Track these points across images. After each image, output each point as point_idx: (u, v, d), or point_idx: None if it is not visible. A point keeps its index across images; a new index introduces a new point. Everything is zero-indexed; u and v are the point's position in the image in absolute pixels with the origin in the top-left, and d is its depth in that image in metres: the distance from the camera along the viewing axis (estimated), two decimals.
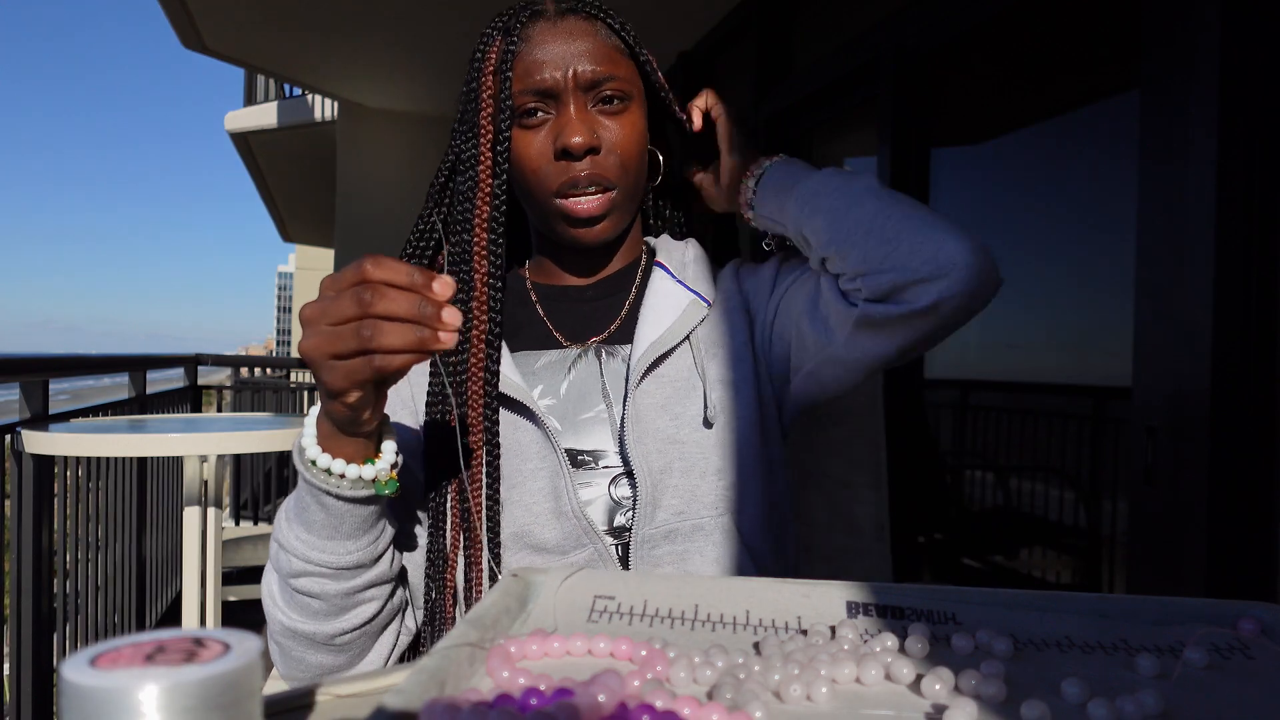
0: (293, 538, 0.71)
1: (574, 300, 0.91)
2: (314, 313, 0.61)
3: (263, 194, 9.65)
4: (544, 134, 0.82)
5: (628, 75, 0.84)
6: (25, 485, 2.23)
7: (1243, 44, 1.39)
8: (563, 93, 0.81)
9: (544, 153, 0.82)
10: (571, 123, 0.81)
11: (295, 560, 0.71)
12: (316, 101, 6.80)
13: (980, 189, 2.45)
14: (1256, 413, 1.39)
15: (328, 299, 0.61)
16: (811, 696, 0.39)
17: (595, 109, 0.83)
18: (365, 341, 0.59)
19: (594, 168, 0.82)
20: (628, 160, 0.84)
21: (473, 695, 0.35)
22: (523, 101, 0.81)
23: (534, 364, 0.88)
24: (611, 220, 0.85)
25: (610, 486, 0.82)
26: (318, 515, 0.69)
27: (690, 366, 0.85)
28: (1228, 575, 1.39)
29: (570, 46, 0.81)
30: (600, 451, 0.83)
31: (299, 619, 0.73)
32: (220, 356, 5.27)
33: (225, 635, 0.28)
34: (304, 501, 0.70)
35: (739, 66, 3.60)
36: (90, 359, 3.22)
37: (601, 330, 0.89)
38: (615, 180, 0.83)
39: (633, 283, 0.92)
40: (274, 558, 0.74)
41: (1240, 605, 0.49)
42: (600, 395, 0.85)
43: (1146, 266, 1.53)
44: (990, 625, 0.48)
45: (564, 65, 0.81)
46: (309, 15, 4.14)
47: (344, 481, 0.68)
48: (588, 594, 0.52)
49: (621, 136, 0.83)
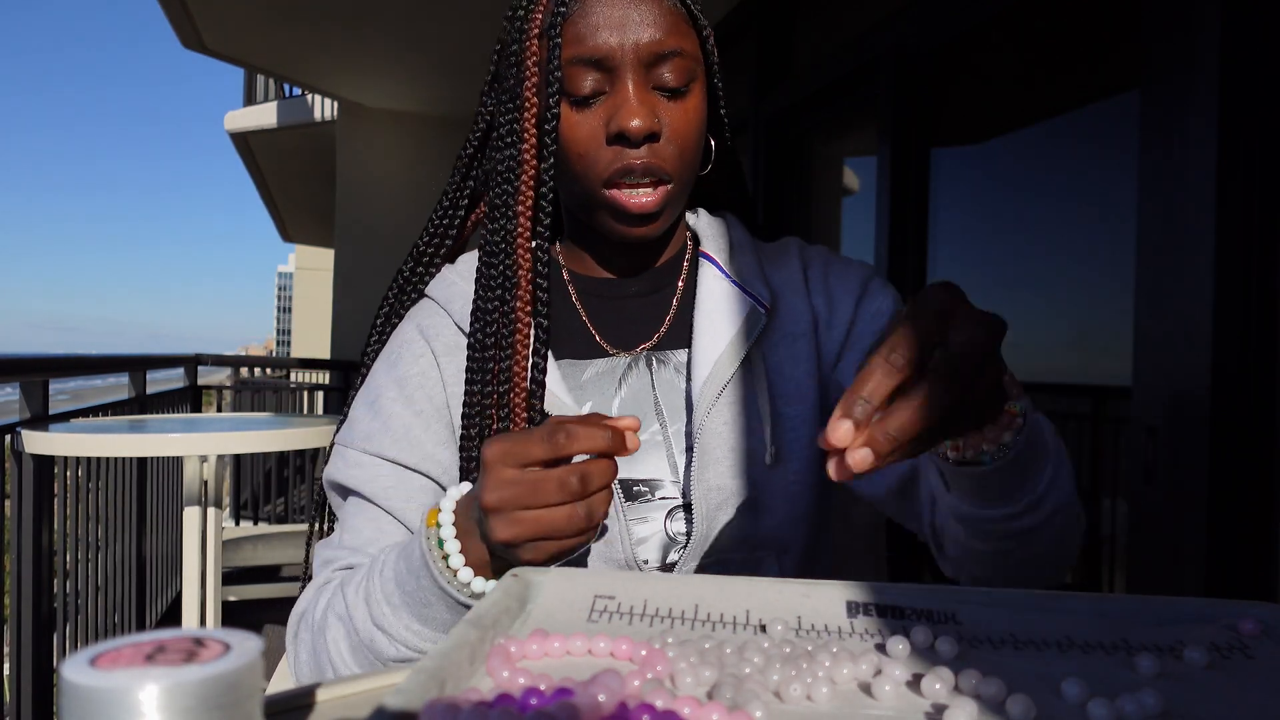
0: (401, 628, 0.66)
1: (617, 298, 0.82)
2: (505, 500, 0.57)
3: (263, 194, 9.66)
4: (596, 112, 0.72)
5: (691, 50, 0.73)
6: (25, 485, 2.23)
7: (1243, 43, 1.39)
8: (620, 66, 0.71)
9: (595, 134, 0.72)
10: (629, 103, 0.70)
11: (404, 649, 0.66)
12: (316, 101, 6.80)
13: (980, 189, 2.45)
14: (1256, 413, 1.39)
15: (513, 480, 0.56)
16: (811, 696, 0.39)
17: (655, 89, 0.72)
18: (585, 524, 0.56)
19: (651, 156, 0.71)
20: (687, 150, 0.74)
21: (473, 695, 0.35)
22: (573, 73, 0.71)
23: (580, 376, 0.79)
24: (665, 217, 0.75)
25: (666, 521, 0.75)
26: (442, 614, 0.64)
27: (751, 390, 0.77)
28: (1228, 575, 1.39)
29: (632, 11, 0.70)
30: (656, 481, 0.75)
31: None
32: (220, 356, 5.28)
33: (225, 635, 0.28)
34: (425, 599, 0.64)
35: (739, 66, 3.60)
36: (90, 359, 3.22)
37: (649, 334, 0.81)
38: (672, 172, 0.73)
39: (679, 276, 0.83)
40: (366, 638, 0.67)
41: (1240, 605, 0.49)
42: (654, 414, 0.77)
43: (1146, 266, 1.53)
44: (990, 625, 0.48)
45: (623, 33, 0.70)
46: (308, 15, 4.14)
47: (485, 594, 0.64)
48: (588, 594, 0.52)
49: (684, 123, 0.73)
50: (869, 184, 2.76)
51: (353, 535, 0.76)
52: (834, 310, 0.82)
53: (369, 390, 0.80)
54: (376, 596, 0.67)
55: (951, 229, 2.48)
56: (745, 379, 0.77)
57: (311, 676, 0.73)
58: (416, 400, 0.78)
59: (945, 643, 0.45)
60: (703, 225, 0.85)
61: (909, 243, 2.52)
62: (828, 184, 3.43)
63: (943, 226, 2.49)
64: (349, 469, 0.77)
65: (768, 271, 0.83)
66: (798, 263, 0.85)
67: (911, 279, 2.53)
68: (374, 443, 0.76)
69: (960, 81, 2.51)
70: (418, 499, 0.77)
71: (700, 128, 0.75)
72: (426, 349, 0.79)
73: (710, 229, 0.85)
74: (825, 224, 3.41)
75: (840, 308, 0.82)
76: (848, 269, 0.85)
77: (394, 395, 0.78)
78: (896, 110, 2.51)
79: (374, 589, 0.67)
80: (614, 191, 0.72)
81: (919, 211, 2.51)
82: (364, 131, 5.88)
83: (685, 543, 0.74)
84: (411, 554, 0.65)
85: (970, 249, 2.46)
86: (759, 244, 0.87)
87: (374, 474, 0.76)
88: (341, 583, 0.72)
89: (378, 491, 0.76)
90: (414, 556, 0.64)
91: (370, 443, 0.77)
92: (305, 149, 7.38)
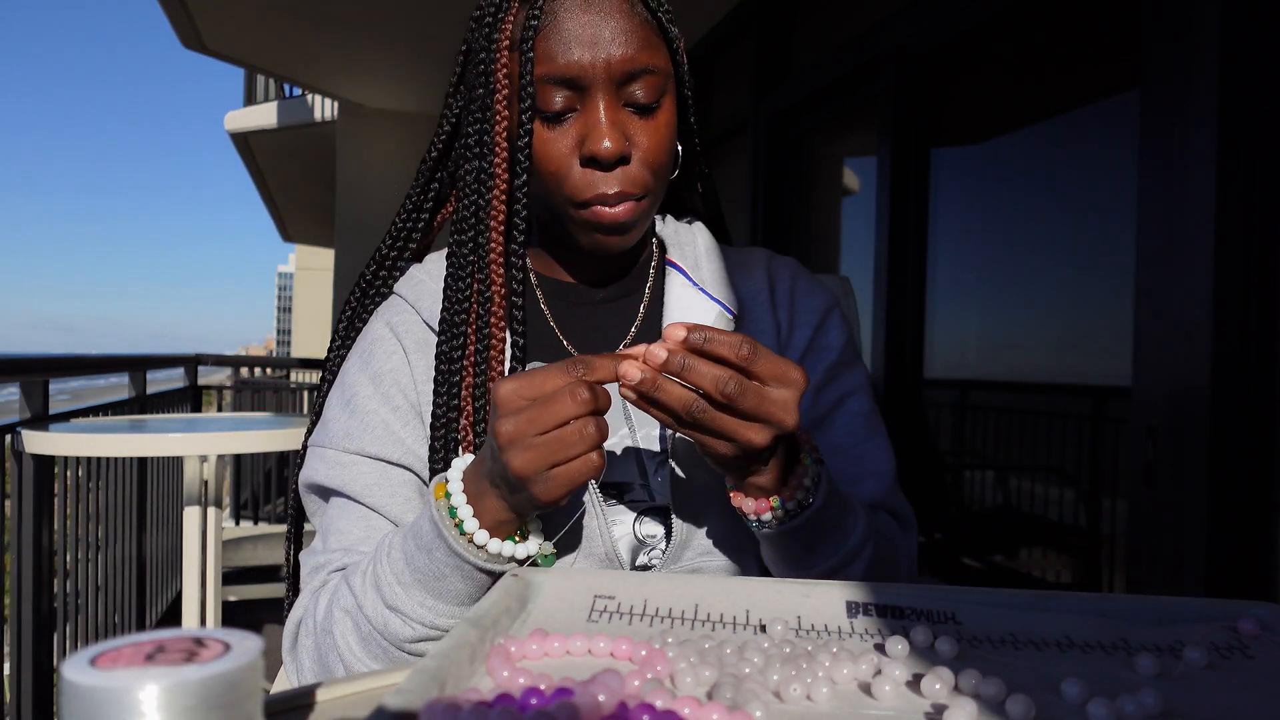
0: (415, 605, 0.66)
1: (584, 304, 0.83)
2: (519, 429, 0.58)
3: (263, 194, 9.66)
4: (567, 131, 0.72)
5: (662, 65, 0.73)
6: (25, 485, 2.23)
7: (1243, 44, 1.39)
8: (591, 85, 0.70)
9: (566, 153, 0.72)
10: (600, 126, 0.70)
11: (419, 627, 0.66)
12: (316, 101, 6.80)
13: (980, 189, 2.45)
14: (1256, 413, 1.39)
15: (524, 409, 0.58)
16: (811, 696, 0.39)
17: (626, 105, 0.72)
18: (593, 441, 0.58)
19: (624, 181, 0.72)
20: (659, 167, 0.74)
21: (473, 695, 0.35)
22: (545, 90, 0.71)
23: None
24: (638, 228, 0.76)
25: (635, 524, 0.75)
26: (457, 585, 0.65)
27: None
28: (1228, 575, 1.39)
29: (603, 27, 0.70)
30: (625, 485, 0.76)
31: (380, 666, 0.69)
32: (220, 356, 5.28)
33: (225, 635, 0.28)
34: (438, 571, 0.65)
35: (739, 66, 3.60)
36: (90, 359, 3.21)
37: (616, 340, 0.81)
38: (644, 189, 0.73)
39: (645, 283, 0.84)
40: (379, 624, 0.67)
41: (1240, 605, 0.49)
42: (622, 419, 0.78)
43: (1146, 266, 1.53)
44: (990, 625, 0.48)
45: (595, 50, 0.70)
46: (309, 15, 4.14)
47: (501, 558, 0.65)
48: (588, 594, 0.52)
49: (655, 142, 0.73)
50: (869, 184, 2.76)
51: (340, 537, 0.75)
52: (794, 331, 0.84)
53: (343, 389, 0.79)
54: (387, 579, 0.66)
55: (951, 229, 2.48)
56: None
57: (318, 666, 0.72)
58: (392, 397, 0.77)
59: (945, 643, 0.45)
60: (669, 233, 0.86)
61: (909, 243, 2.52)
62: (828, 184, 3.43)
63: (943, 226, 2.49)
64: (329, 469, 0.76)
65: (735, 281, 0.84)
66: (764, 275, 0.85)
67: (912, 279, 2.53)
68: (354, 440, 0.76)
69: (960, 81, 2.51)
70: (402, 493, 0.76)
71: (671, 143, 0.76)
72: (398, 346, 0.79)
73: (677, 237, 0.85)
74: (825, 224, 3.41)
75: (799, 332, 0.84)
76: (813, 292, 0.86)
77: (369, 392, 0.77)
78: (896, 110, 2.51)
79: (383, 572, 0.67)
80: (586, 211, 0.73)
81: (919, 211, 2.52)
82: (364, 131, 5.89)
83: (656, 545, 0.75)
84: (421, 530, 0.65)
85: (970, 249, 2.46)
86: (725, 251, 0.88)
87: (356, 472, 0.76)
88: (344, 577, 0.71)
89: (362, 489, 0.75)
90: (424, 532, 0.65)
91: (350, 441, 0.76)
92: (305, 149, 7.39)
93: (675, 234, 0.86)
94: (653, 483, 0.76)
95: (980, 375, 2.45)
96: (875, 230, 2.62)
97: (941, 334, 2.52)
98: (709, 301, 0.80)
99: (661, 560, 0.74)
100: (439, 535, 0.63)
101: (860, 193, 3.14)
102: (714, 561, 0.75)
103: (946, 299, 2.49)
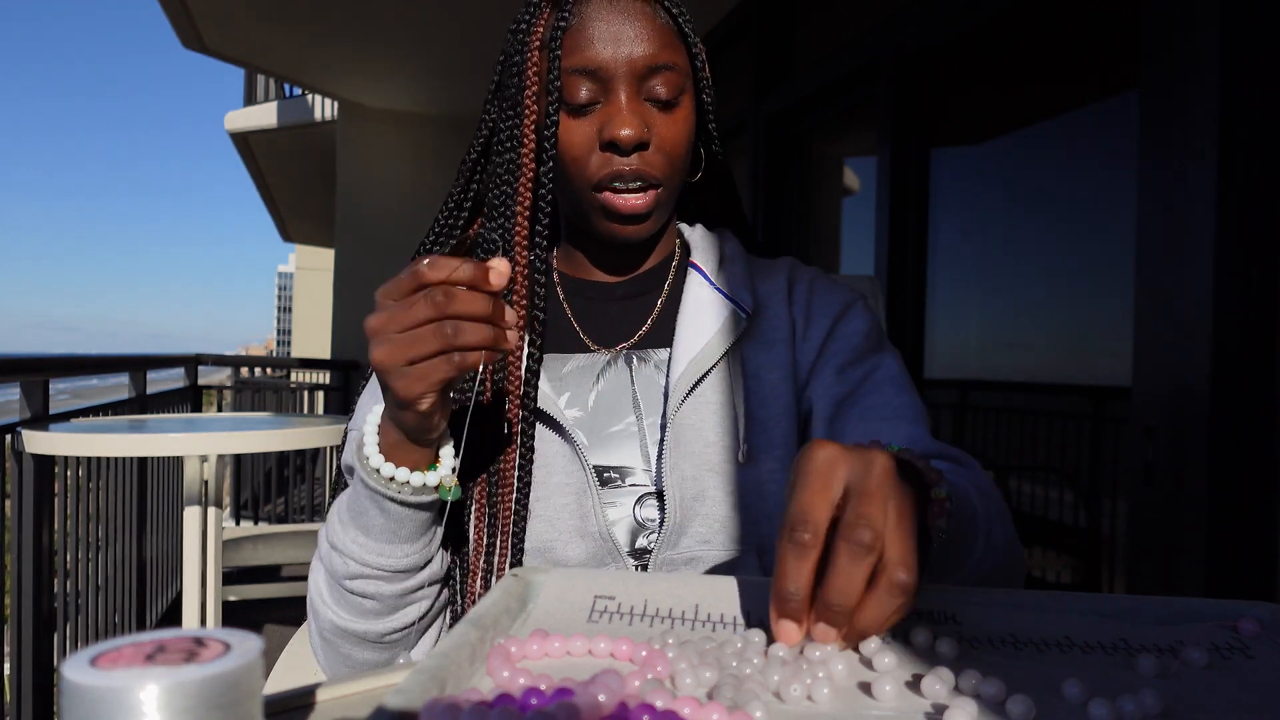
0: (348, 541, 0.71)
1: (603, 299, 0.87)
2: (381, 323, 0.61)
3: (263, 194, 9.66)
4: (591, 120, 0.77)
5: (682, 65, 0.78)
6: (25, 485, 2.23)
7: (1243, 45, 1.39)
8: (613, 78, 0.76)
9: (588, 141, 0.77)
10: (621, 113, 0.75)
11: (351, 563, 0.71)
12: (316, 101, 6.81)
13: (980, 189, 2.45)
14: (1256, 412, 1.39)
15: (390, 307, 0.61)
16: (812, 696, 0.39)
17: (646, 100, 0.77)
18: (447, 340, 0.59)
19: (641, 164, 0.76)
20: (675, 158, 0.78)
21: (473, 695, 0.35)
22: (570, 82, 0.76)
23: (561, 369, 0.84)
24: (654, 219, 0.80)
25: (635, 507, 0.78)
26: (377, 520, 0.69)
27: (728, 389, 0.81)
28: (1228, 575, 1.39)
29: (626, 27, 0.76)
30: (627, 469, 0.79)
31: (350, 618, 0.73)
32: (220, 356, 5.27)
33: (225, 635, 0.28)
34: (362, 506, 0.69)
35: (739, 66, 3.60)
36: (90, 359, 3.21)
37: (631, 333, 0.85)
38: (661, 177, 0.77)
39: (665, 281, 0.88)
40: (325, 559, 0.73)
41: (1240, 605, 0.49)
42: (630, 406, 0.81)
43: (1146, 266, 1.53)
44: (990, 625, 0.48)
45: (618, 46, 0.75)
46: (309, 15, 4.14)
47: (407, 488, 0.68)
48: (588, 594, 0.52)
49: (672, 133, 0.77)
50: (869, 184, 2.76)
51: None
52: (810, 324, 0.85)
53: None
54: (334, 521, 0.72)
55: (951, 229, 2.48)
56: (722, 378, 0.81)
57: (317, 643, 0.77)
58: None
59: (945, 643, 0.45)
60: (696, 238, 0.90)
61: (909, 243, 2.52)
62: (828, 184, 3.43)
63: (943, 226, 2.49)
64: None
65: (756, 282, 0.87)
66: (785, 277, 0.88)
67: (911, 279, 2.53)
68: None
69: (960, 81, 2.51)
70: None
71: (689, 138, 0.80)
72: None
73: (703, 242, 0.89)
74: (825, 224, 3.41)
75: (816, 325, 0.85)
76: (832, 290, 0.89)
77: None
78: (896, 110, 2.51)
79: (333, 518, 0.73)
80: (604, 194, 0.77)
81: (919, 211, 2.52)
82: (364, 131, 5.89)
83: (654, 529, 0.78)
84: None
85: (970, 249, 2.46)
86: (753, 259, 0.91)
87: None
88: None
89: None
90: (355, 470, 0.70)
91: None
92: (305, 149, 7.39)
93: (702, 239, 0.90)
94: (655, 468, 0.79)
95: (980, 375, 2.46)
96: (875, 230, 2.62)
97: (941, 334, 2.52)
98: (724, 300, 0.83)
99: (656, 544, 0.76)
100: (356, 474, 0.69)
101: (860, 193, 3.14)
102: (712, 551, 0.77)
103: (946, 299, 2.49)
